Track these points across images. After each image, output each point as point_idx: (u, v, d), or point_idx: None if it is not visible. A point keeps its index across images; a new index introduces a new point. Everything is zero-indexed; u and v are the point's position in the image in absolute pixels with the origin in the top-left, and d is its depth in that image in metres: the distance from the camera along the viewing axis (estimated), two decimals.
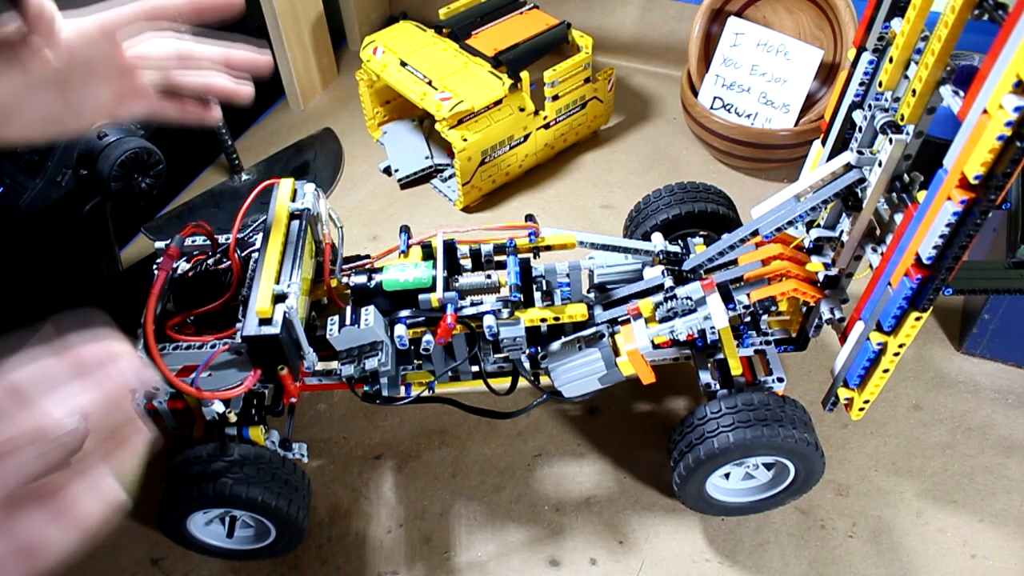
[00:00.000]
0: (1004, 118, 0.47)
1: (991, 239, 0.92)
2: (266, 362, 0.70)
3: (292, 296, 0.69)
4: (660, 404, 0.92)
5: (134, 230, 1.17)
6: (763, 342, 0.79)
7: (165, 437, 0.89)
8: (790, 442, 0.70)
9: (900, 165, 0.63)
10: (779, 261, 0.74)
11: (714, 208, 0.89)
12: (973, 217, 0.53)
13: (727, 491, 0.79)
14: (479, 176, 1.14)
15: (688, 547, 0.80)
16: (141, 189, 0.82)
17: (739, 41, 1.17)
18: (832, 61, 1.16)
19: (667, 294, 0.76)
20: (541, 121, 1.17)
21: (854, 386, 0.71)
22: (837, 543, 0.80)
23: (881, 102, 0.65)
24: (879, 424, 0.89)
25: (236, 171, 1.23)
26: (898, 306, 0.62)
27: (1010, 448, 0.86)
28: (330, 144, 1.30)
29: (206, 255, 0.78)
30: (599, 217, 1.16)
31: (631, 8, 1.39)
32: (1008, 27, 0.47)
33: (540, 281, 0.82)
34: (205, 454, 0.71)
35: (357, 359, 0.73)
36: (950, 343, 0.97)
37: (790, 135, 1.13)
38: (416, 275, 0.75)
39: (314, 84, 1.39)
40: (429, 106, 1.09)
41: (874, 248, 0.68)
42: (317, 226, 0.80)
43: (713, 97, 1.20)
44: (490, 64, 1.14)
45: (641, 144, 1.27)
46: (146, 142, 0.80)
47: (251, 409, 0.77)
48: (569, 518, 0.83)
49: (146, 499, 0.86)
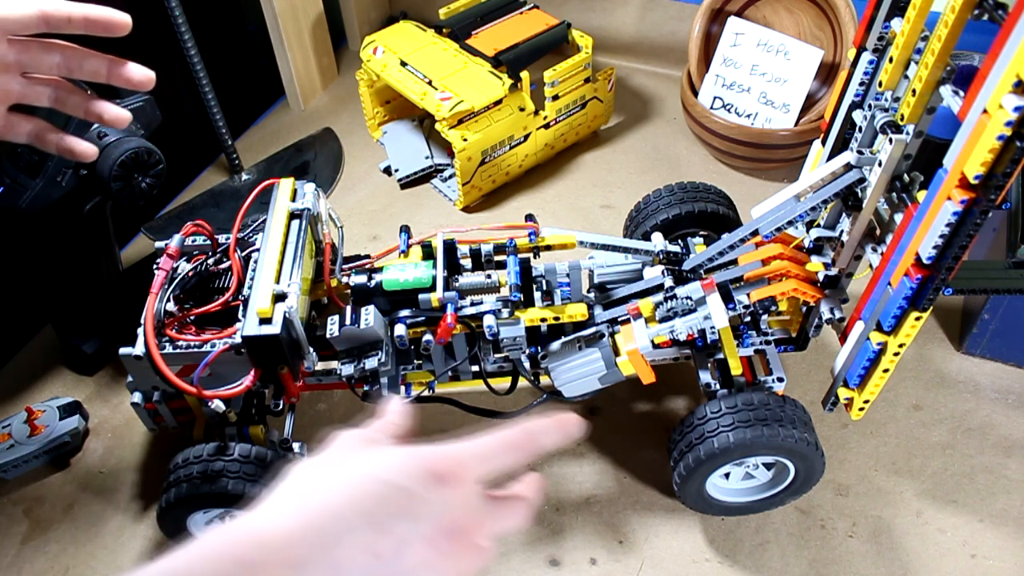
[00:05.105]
0: (1004, 118, 0.47)
1: (991, 239, 0.92)
2: (266, 362, 0.70)
3: (292, 296, 0.69)
4: (660, 404, 0.92)
5: (134, 230, 1.17)
6: (763, 342, 0.79)
7: (165, 437, 0.90)
8: (790, 442, 0.70)
9: (900, 165, 0.63)
10: (779, 261, 0.75)
11: (714, 208, 0.89)
12: (973, 217, 0.53)
13: (727, 491, 0.79)
14: (479, 176, 1.14)
15: (688, 547, 0.80)
16: (141, 189, 0.82)
17: (739, 41, 1.17)
18: (832, 61, 1.16)
19: (667, 294, 0.76)
20: (541, 121, 1.17)
21: (854, 386, 0.71)
22: (837, 543, 0.80)
23: (881, 102, 0.65)
24: (879, 424, 0.89)
25: (236, 171, 1.23)
26: (898, 306, 0.62)
27: (1010, 448, 0.86)
28: (330, 144, 1.30)
29: (206, 255, 0.78)
30: (599, 217, 1.16)
31: (631, 8, 1.40)
32: (1008, 27, 0.47)
33: (540, 281, 0.82)
34: (205, 453, 0.71)
35: (357, 359, 0.73)
36: (950, 343, 0.96)
37: (790, 135, 1.13)
38: (416, 275, 0.75)
39: (314, 84, 1.39)
40: (429, 106, 1.09)
41: (874, 248, 0.68)
42: (317, 226, 0.80)
43: (713, 97, 1.20)
44: (490, 64, 1.14)
45: (641, 144, 1.27)
46: (146, 142, 0.81)
47: (251, 409, 0.77)
48: (569, 518, 0.83)
49: (146, 499, 0.86)
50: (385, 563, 0.34)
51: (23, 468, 0.87)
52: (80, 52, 0.61)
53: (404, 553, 0.34)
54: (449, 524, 0.36)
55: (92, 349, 0.96)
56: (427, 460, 0.37)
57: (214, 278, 0.78)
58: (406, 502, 0.35)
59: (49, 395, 0.95)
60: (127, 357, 0.71)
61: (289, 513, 0.34)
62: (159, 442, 0.91)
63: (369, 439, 0.40)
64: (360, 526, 0.34)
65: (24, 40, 0.59)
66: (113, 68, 0.62)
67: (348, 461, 0.37)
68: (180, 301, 0.75)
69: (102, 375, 0.98)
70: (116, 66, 0.62)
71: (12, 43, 0.58)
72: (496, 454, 0.40)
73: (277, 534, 0.33)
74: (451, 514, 0.36)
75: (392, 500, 0.35)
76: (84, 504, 0.86)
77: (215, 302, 0.73)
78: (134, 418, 0.91)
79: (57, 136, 0.65)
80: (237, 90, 1.31)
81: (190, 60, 1.08)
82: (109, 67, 0.62)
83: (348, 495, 0.35)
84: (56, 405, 0.90)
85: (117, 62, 0.62)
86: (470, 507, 0.37)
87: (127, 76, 0.62)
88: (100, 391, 0.96)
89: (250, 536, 0.33)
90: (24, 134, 0.64)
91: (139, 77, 0.62)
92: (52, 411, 0.89)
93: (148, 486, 0.87)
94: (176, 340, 0.71)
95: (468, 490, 0.37)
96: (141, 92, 0.81)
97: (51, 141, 0.65)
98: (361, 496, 0.35)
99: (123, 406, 0.94)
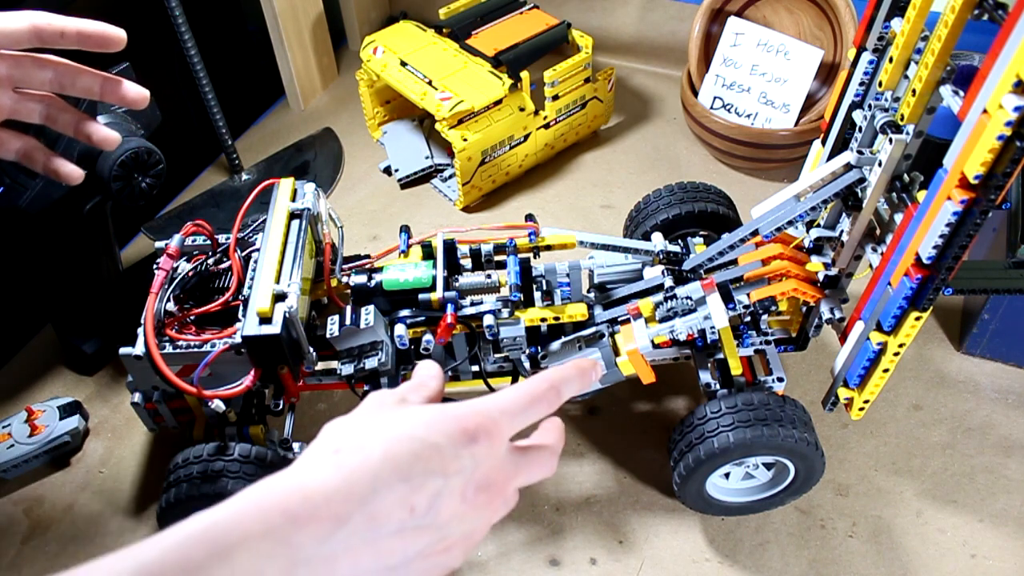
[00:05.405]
0: (1004, 118, 0.47)
1: (991, 239, 0.92)
2: (266, 362, 0.70)
3: (292, 296, 0.69)
4: (660, 404, 0.92)
5: (134, 230, 1.17)
6: (763, 342, 0.79)
7: (165, 437, 0.90)
8: (790, 442, 0.70)
9: (900, 165, 0.63)
10: (779, 261, 0.75)
11: (714, 208, 0.89)
12: (973, 217, 0.53)
13: (727, 491, 0.79)
14: (479, 176, 1.14)
15: (688, 547, 0.80)
16: (141, 189, 0.82)
17: (739, 41, 1.17)
18: (832, 61, 1.16)
19: (667, 294, 0.76)
20: (541, 121, 1.17)
21: (854, 386, 0.71)
22: (837, 543, 0.80)
23: (881, 102, 0.65)
24: (879, 424, 0.89)
25: (236, 171, 1.23)
26: (898, 306, 0.62)
27: (1010, 448, 0.86)
28: (330, 144, 1.30)
29: (206, 255, 0.78)
30: (599, 217, 1.16)
31: (631, 8, 1.40)
32: (1008, 27, 0.47)
33: (540, 281, 0.82)
34: (205, 453, 0.71)
35: (357, 359, 0.73)
36: (950, 343, 0.97)
37: (790, 135, 1.13)
38: (416, 275, 0.75)
39: (314, 84, 1.39)
40: (429, 106, 1.09)
41: (874, 248, 0.68)
42: (317, 226, 0.80)
43: (713, 97, 1.20)
44: (490, 64, 1.14)
45: (641, 144, 1.27)
46: (146, 142, 0.80)
47: (251, 409, 0.77)
48: (569, 518, 0.83)
49: (147, 499, 0.86)
50: (419, 517, 0.36)
51: (23, 468, 0.87)
52: (73, 68, 0.61)
53: (438, 507, 0.36)
54: (480, 479, 0.38)
55: (92, 349, 0.96)
56: (458, 418, 0.38)
57: (214, 278, 0.78)
58: (439, 459, 0.36)
59: (49, 395, 0.95)
60: (127, 357, 0.71)
61: (330, 469, 0.35)
62: (159, 442, 0.91)
63: (401, 398, 0.41)
64: (396, 482, 0.35)
65: (16, 55, 0.59)
66: (107, 86, 0.61)
67: (382, 420, 0.38)
68: (180, 301, 0.75)
69: (102, 375, 0.98)
70: (110, 84, 0.61)
71: (4, 57, 0.58)
72: (523, 409, 0.41)
73: (320, 489, 0.34)
74: (482, 469, 0.38)
75: (426, 457, 0.36)
76: (84, 504, 0.86)
77: (215, 302, 0.74)
78: (134, 418, 0.91)
79: (45, 156, 0.64)
80: (237, 90, 1.31)
81: (190, 60, 1.08)
82: (103, 84, 0.61)
83: (384, 453, 0.36)
84: (56, 405, 0.90)
85: (111, 80, 0.61)
86: (499, 461, 0.39)
87: (121, 94, 0.62)
88: (100, 391, 0.96)
89: (294, 489, 0.34)
90: (12, 151, 0.63)
91: (133, 96, 0.62)
92: (52, 411, 0.89)
93: (148, 486, 0.87)
94: (176, 340, 0.71)
95: (497, 445, 0.39)
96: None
97: (38, 160, 0.64)
98: (396, 454, 0.36)
99: (123, 406, 0.94)
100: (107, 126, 0.79)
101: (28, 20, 0.56)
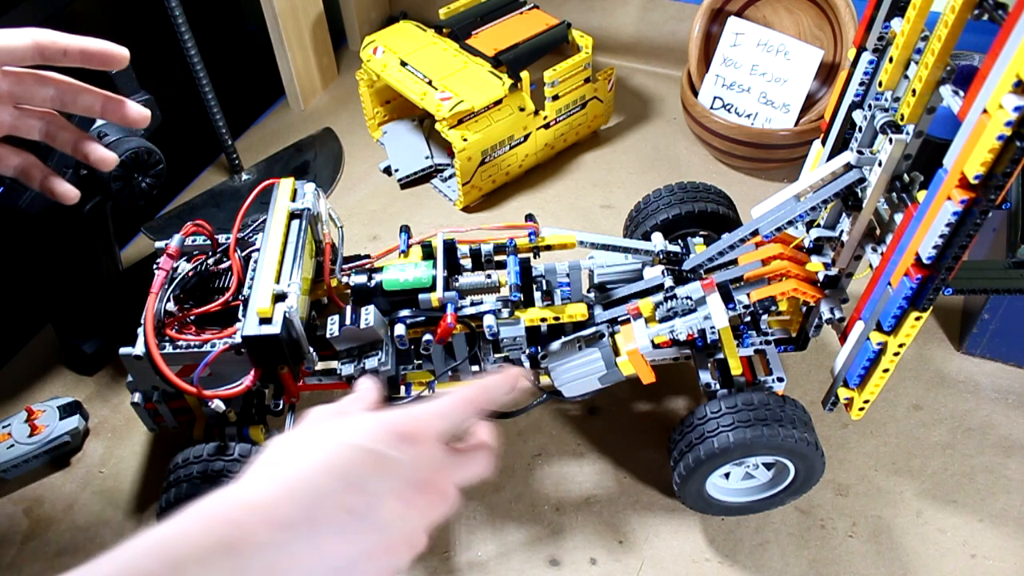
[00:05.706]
0: (1004, 118, 0.47)
1: (991, 239, 0.92)
2: (266, 362, 0.70)
3: (292, 296, 0.69)
4: (660, 404, 0.92)
5: (134, 230, 1.17)
6: (763, 342, 0.79)
7: (165, 437, 0.90)
8: (790, 442, 0.70)
9: (900, 165, 0.63)
10: (779, 261, 0.75)
11: (714, 208, 0.89)
12: (973, 217, 0.53)
13: (727, 491, 0.79)
14: (479, 176, 1.14)
15: (688, 547, 0.80)
16: (141, 189, 0.82)
17: (739, 41, 1.17)
18: (832, 61, 1.16)
19: (667, 294, 0.76)
20: (541, 121, 1.17)
21: (854, 386, 0.71)
22: (837, 543, 0.80)
23: (881, 102, 0.65)
24: (879, 424, 0.89)
25: (236, 171, 1.23)
26: (898, 306, 0.62)
27: (1010, 448, 0.86)
28: (330, 144, 1.30)
29: (206, 255, 0.78)
30: (599, 217, 1.16)
31: (631, 8, 1.40)
32: (1008, 27, 0.47)
33: (540, 281, 0.82)
34: (205, 453, 0.71)
35: (357, 359, 0.73)
36: (950, 343, 0.97)
37: (790, 135, 1.13)
38: (416, 275, 0.75)
39: (314, 84, 1.39)
40: (429, 106, 1.09)
41: (874, 248, 0.68)
42: (317, 226, 0.80)
43: (713, 97, 1.20)
44: (490, 64, 1.14)
45: (641, 144, 1.27)
46: (146, 142, 0.81)
47: (251, 409, 0.77)
48: (569, 518, 0.83)
49: (147, 499, 0.86)
50: (359, 518, 0.37)
51: (23, 468, 0.87)
52: (75, 87, 0.61)
53: (377, 508, 0.38)
54: (416, 478, 0.40)
55: (92, 349, 0.96)
56: (392, 423, 0.40)
57: (214, 278, 0.78)
58: (375, 462, 0.39)
59: (49, 395, 0.95)
60: (127, 357, 0.71)
61: (270, 481, 0.37)
62: (159, 442, 0.91)
63: (339, 411, 0.43)
64: (335, 487, 0.37)
65: (18, 71, 0.59)
66: (108, 104, 0.61)
67: (321, 431, 0.40)
68: (180, 301, 0.75)
69: (102, 375, 0.98)
70: (111, 103, 0.61)
71: (6, 74, 0.58)
72: (454, 411, 0.44)
73: (261, 499, 0.36)
74: (417, 469, 0.40)
75: (363, 462, 0.38)
76: (84, 504, 0.86)
77: (215, 302, 0.74)
78: (134, 418, 0.91)
79: (42, 174, 0.64)
80: (237, 90, 1.31)
81: (190, 60, 1.08)
82: (104, 103, 0.61)
83: (322, 461, 0.38)
84: (56, 405, 0.90)
85: (112, 99, 0.61)
86: (435, 461, 0.41)
87: (121, 114, 0.62)
88: (100, 391, 0.96)
89: (237, 502, 0.36)
90: (11, 167, 0.63)
91: (134, 115, 0.62)
92: (52, 411, 0.89)
93: (148, 486, 0.87)
94: (176, 340, 0.71)
95: (431, 446, 0.41)
96: (142, 92, 0.81)
97: (36, 178, 0.64)
98: (334, 461, 0.38)
99: (123, 406, 0.94)
100: (106, 126, 0.80)
101: (31, 37, 0.56)
